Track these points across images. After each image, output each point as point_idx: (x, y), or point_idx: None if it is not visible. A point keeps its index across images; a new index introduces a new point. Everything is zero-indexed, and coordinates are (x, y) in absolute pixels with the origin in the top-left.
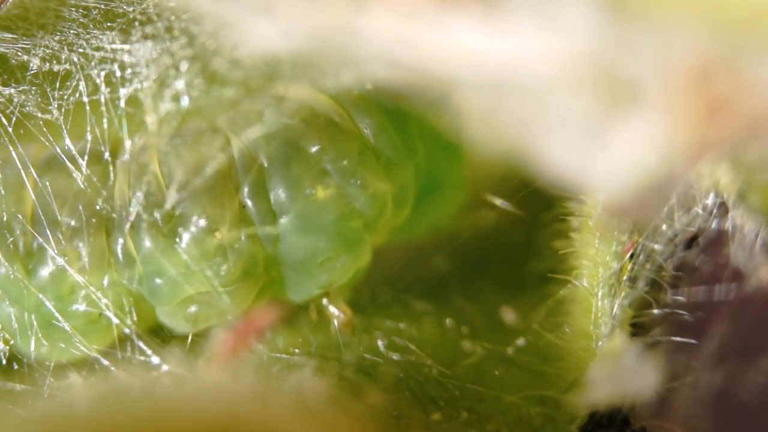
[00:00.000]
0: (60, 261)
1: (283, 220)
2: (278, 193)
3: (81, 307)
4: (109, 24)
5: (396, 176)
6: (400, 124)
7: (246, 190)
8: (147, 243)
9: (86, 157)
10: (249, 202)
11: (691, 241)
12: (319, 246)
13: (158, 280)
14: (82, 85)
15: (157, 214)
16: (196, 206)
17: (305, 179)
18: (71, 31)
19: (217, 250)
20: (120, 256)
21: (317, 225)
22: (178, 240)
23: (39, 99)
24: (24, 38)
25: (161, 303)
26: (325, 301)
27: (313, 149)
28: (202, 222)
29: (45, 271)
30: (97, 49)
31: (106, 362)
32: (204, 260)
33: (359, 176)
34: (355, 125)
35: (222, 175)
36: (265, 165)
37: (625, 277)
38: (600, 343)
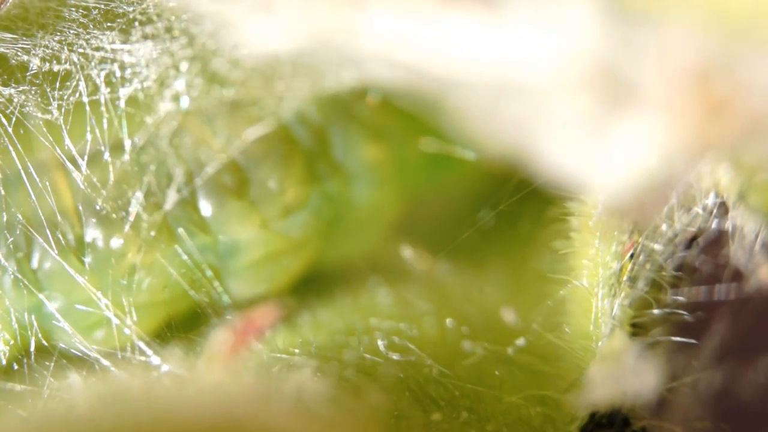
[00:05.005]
0: (116, 244)
1: (347, 174)
2: (338, 149)
3: (144, 285)
4: (109, 24)
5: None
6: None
7: (308, 149)
8: (217, 209)
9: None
10: (314, 161)
11: (691, 241)
12: (374, 198)
13: (231, 245)
14: (82, 85)
15: (227, 179)
16: (264, 169)
17: (361, 135)
18: (71, 31)
19: (289, 209)
20: (181, 228)
21: (373, 177)
22: (252, 202)
23: (39, 99)
24: (24, 38)
25: (236, 264)
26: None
27: (363, 111)
28: (274, 183)
29: (99, 259)
30: (97, 49)
31: (106, 362)
32: (278, 220)
33: (407, 138)
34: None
35: (280, 139)
36: (320, 124)
37: (625, 277)
38: (600, 343)
